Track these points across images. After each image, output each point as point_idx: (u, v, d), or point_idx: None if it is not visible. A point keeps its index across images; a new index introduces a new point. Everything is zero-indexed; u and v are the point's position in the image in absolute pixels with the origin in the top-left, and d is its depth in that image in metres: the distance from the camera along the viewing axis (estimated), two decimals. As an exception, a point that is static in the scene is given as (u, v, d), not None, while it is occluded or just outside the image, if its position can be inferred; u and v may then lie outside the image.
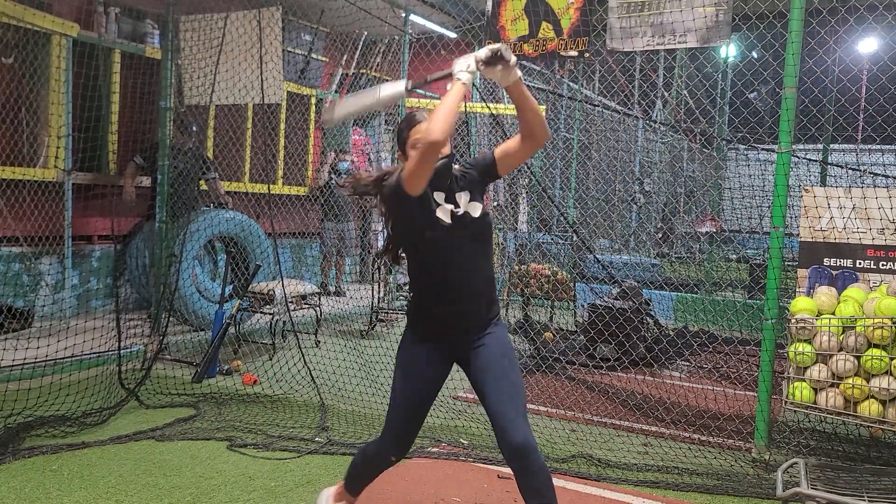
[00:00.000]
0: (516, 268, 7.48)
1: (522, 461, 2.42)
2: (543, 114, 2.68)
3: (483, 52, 2.43)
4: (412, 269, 2.68)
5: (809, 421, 4.54)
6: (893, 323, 3.56)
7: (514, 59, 2.43)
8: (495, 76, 2.46)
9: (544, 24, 4.84)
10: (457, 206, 2.58)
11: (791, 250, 5.84)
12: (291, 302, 6.21)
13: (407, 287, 7.05)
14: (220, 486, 3.48)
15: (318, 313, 6.67)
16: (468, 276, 2.59)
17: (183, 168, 6.53)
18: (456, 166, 2.70)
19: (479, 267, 2.63)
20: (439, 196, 2.58)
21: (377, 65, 9.62)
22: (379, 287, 7.47)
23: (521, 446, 2.40)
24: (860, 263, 4.05)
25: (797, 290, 4.17)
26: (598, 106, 11.49)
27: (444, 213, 2.55)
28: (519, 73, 2.48)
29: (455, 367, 2.74)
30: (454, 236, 2.55)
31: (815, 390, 3.81)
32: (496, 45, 2.42)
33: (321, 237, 8.86)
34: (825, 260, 4.13)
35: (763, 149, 7.79)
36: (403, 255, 2.77)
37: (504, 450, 2.47)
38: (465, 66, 2.44)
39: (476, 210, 2.59)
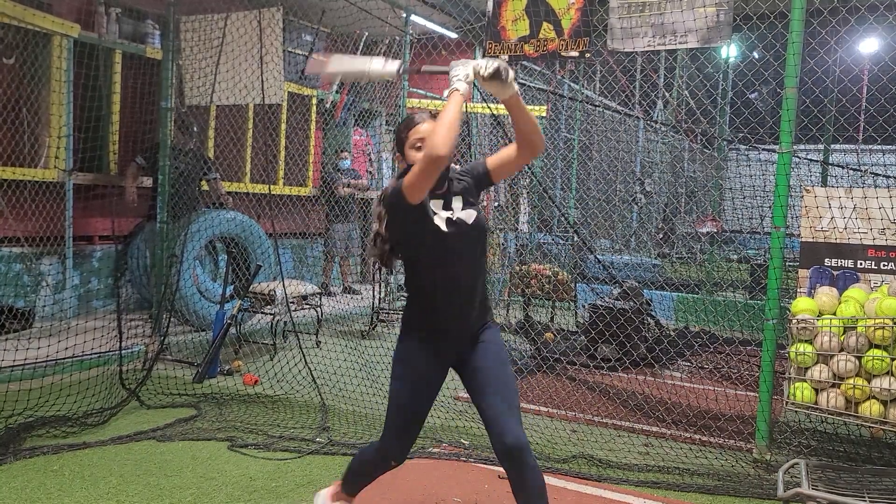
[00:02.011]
0: (517, 268, 7.48)
1: (516, 460, 2.48)
2: (538, 121, 2.67)
3: (483, 66, 2.38)
4: (410, 275, 2.68)
5: (811, 421, 4.53)
6: (894, 323, 3.56)
7: (512, 75, 2.42)
8: (492, 89, 2.43)
9: (545, 24, 4.84)
10: (452, 212, 2.59)
11: (792, 251, 5.84)
12: (292, 302, 6.20)
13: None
14: (221, 487, 3.48)
15: (319, 314, 6.67)
16: (465, 281, 2.62)
17: (184, 168, 6.53)
18: (456, 166, 2.70)
19: (475, 272, 2.65)
20: (436, 204, 2.59)
21: (378, 65, 9.61)
22: (380, 287, 7.48)
23: (515, 446, 2.46)
24: (861, 264, 4.05)
25: (798, 290, 4.17)
26: (599, 106, 11.49)
27: (440, 221, 2.55)
28: (516, 86, 2.46)
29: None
30: (451, 243, 2.56)
31: (816, 391, 3.81)
32: (496, 63, 2.38)
33: (327, 238, 8.87)
34: (826, 260, 4.13)
35: (764, 149, 7.79)
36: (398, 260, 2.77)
37: (498, 450, 2.53)
38: (463, 76, 2.40)
39: (470, 217, 2.60)
